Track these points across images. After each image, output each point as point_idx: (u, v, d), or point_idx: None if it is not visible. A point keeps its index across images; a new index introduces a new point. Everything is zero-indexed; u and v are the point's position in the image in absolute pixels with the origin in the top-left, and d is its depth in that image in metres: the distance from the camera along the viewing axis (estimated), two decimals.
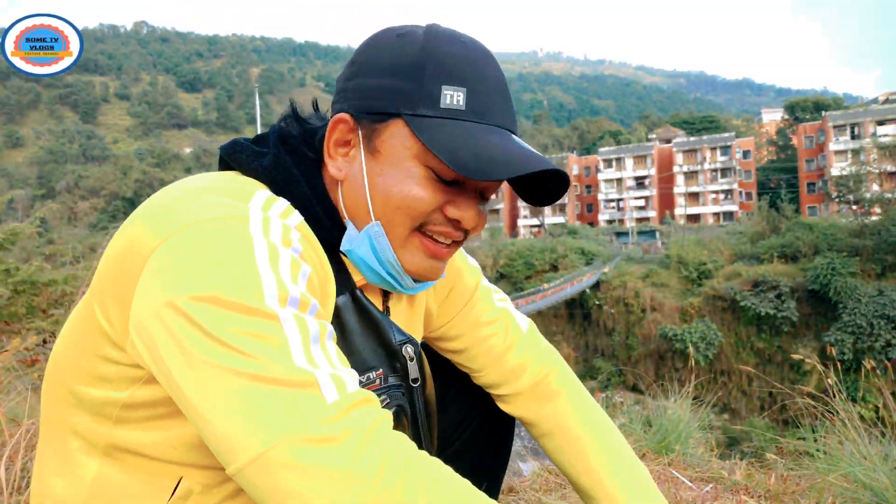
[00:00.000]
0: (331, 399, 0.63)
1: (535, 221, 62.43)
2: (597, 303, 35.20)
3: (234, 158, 0.86)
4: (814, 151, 55.37)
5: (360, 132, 0.83)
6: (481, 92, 0.79)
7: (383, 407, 0.77)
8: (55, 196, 67.16)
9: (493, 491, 1.23)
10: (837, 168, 45.89)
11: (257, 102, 57.09)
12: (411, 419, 0.93)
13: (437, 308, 1.09)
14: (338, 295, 0.84)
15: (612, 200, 64.95)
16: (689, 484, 2.13)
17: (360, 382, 0.80)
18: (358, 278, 0.89)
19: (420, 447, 0.83)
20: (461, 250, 1.11)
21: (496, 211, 65.50)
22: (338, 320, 0.84)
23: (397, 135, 0.80)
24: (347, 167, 0.84)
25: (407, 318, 1.01)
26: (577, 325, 36.46)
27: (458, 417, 1.17)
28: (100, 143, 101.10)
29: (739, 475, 2.21)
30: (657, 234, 52.05)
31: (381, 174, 0.81)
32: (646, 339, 32.73)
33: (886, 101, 56.58)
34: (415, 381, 0.93)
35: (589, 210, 67.05)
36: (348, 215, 0.86)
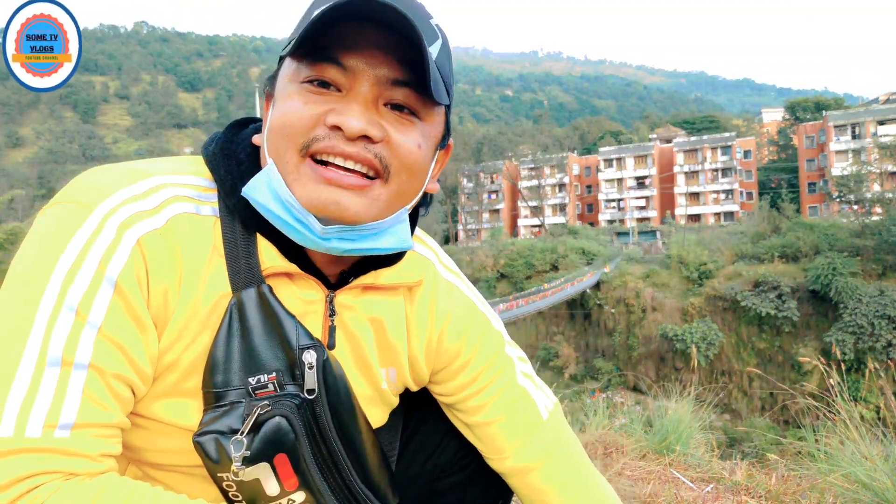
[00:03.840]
0: (3, 433, 0.61)
1: (536, 221, 62.40)
2: (597, 303, 35.20)
3: (203, 144, 0.87)
4: (815, 151, 55.33)
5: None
6: None
7: (262, 415, 0.76)
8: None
9: None
10: (838, 168, 45.89)
11: (257, 102, 57.11)
12: (309, 435, 0.80)
13: (427, 358, 0.96)
14: (243, 288, 0.78)
15: (613, 200, 64.89)
16: (690, 484, 2.13)
17: (251, 385, 0.77)
18: (277, 263, 0.80)
19: (332, 471, 0.83)
20: (486, 314, 1.01)
21: (496, 211, 65.51)
22: (240, 316, 0.78)
23: (282, 72, 0.79)
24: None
25: (363, 345, 0.90)
26: (577, 325, 36.47)
27: (449, 455, 1.07)
28: (100, 143, 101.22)
29: (740, 475, 2.21)
30: (658, 234, 52.03)
31: (273, 114, 0.78)
32: (647, 340, 32.73)
33: (887, 100, 56.50)
34: (310, 391, 0.80)
35: (589, 210, 67.03)
36: None
